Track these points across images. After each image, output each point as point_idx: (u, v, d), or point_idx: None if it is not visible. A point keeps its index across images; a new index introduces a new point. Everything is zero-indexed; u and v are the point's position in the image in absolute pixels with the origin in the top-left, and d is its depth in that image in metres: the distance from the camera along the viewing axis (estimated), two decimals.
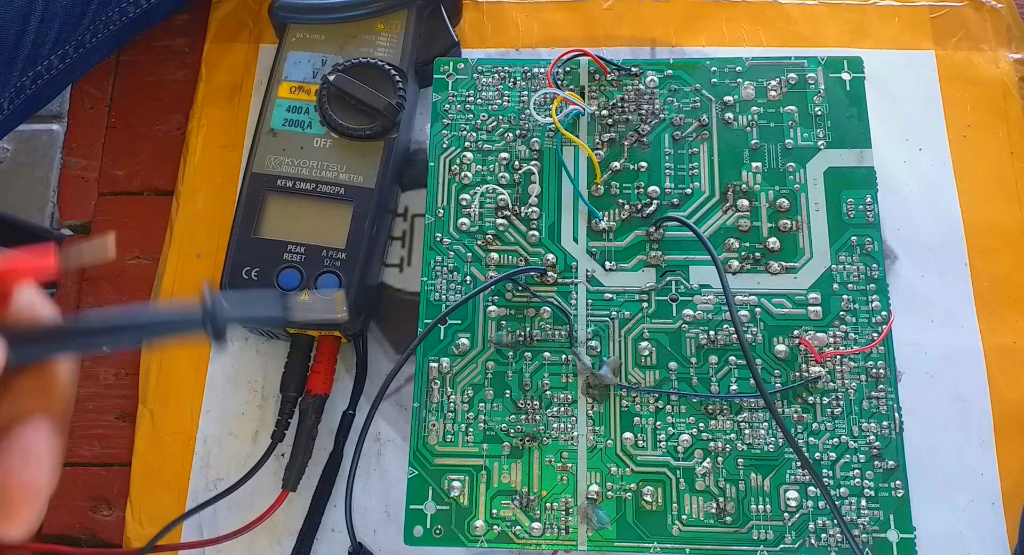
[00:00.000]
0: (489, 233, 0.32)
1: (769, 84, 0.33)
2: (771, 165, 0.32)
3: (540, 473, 0.29)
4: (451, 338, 0.31)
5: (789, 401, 0.30)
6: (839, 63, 0.34)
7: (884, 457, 0.29)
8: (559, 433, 0.30)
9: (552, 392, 0.30)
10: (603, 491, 0.29)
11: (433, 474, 0.29)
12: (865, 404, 0.29)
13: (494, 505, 0.29)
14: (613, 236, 0.32)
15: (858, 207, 0.32)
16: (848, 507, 0.28)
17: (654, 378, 0.30)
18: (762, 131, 0.33)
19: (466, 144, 0.33)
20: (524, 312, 0.31)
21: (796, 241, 0.31)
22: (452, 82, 0.34)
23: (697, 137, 0.33)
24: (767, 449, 0.29)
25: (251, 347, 0.35)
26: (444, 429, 0.30)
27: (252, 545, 0.32)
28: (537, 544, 0.29)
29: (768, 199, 0.32)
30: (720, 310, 0.31)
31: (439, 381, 0.30)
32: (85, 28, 0.36)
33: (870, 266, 0.31)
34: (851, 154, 0.32)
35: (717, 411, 0.30)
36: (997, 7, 0.38)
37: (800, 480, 0.29)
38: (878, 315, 0.30)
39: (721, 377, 0.30)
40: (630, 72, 0.34)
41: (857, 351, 0.30)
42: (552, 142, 0.33)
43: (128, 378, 0.35)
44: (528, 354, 0.31)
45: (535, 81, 0.34)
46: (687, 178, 0.33)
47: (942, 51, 0.38)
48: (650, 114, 0.33)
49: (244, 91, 0.39)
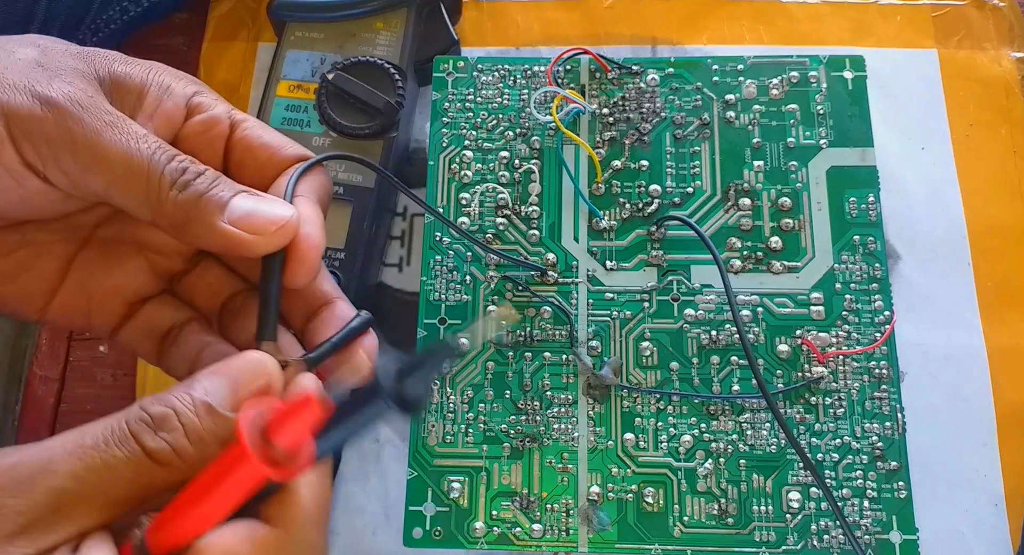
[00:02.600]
0: (489, 232, 0.32)
1: (771, 82, 0.33)
2: (773, 164, 0.32)
3: (540, 474, 0.29)
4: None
5: (791, 402, 0.29)
6: (841, 61, 0.33)
7: (887, 458, 0.29)
8: (559, 434, 0.29)
9: (552, 393, 0.30)
10: (604, 492, 0.29)
11: (432, 475, 0.29)
12: (868, 404, 0.29)
13: (494, 506, 0.29)
14: (614, 235, 0.32)
15: (860, 206, 0.31)
16: (851, 508, 0.28)
17: (655, 378, 0.30)
18: (764, 130, 0.33)
19: (466, 143, 0.33)
20: (524, 312, 0.31)
21: (798, 240, 0.31)
22: (452, 81, 0.34)
23: (698, 136, 0.33)
24: (769, 450, 0.29)
25: None
26: (444, 430, 0.30)
27: None
28: (537, 546, 0.28)
29: (770, 198, 0.32)
30: (722, 310, 0.30)
31: (439, 381, 0.30)
32: (87, 27, 0.36)
33: (873, 266, 0.31)
34: (853, 153, 0.32)
35: (719, 412, 0.29)
36: (999, 6, 0.38)
37: (802, 481, 0.28)
38: (881, 315, 0.30)
39: (723, 377, 0.30)
40: (631, 70, 0.34)
41: (860, 351, 0.30)
42: (552, 141, 0.33)
43: (125, 379, 0.35)
44: (528, 354, 0.30)
45: (535, 79, 0.34)
46: (688, 177, 0.32)
47: (944, 50, 0.37)
48: (651, 113, 0.33)
49: (243, 90, 0.38)
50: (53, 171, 0.20)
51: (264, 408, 0.17)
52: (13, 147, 0.19)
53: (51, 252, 0.22)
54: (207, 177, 0.21)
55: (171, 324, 0.23)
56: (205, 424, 0.18)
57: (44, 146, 0.19)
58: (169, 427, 0.18)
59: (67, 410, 0.35)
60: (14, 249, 0.22)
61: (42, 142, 0.19)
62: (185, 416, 0.18)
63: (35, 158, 0.19)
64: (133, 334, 0.23)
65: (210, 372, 0.19)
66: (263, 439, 0.17)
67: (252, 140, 0.23)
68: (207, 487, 0.17)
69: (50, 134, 0.19)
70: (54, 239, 0.22)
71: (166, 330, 0.23)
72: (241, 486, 0.17)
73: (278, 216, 0.21)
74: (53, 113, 0.19)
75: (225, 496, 0.17)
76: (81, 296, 0.23)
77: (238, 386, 0.19)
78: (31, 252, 0.22)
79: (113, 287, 0.23)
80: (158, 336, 0.23)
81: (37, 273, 0.22)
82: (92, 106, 0.20)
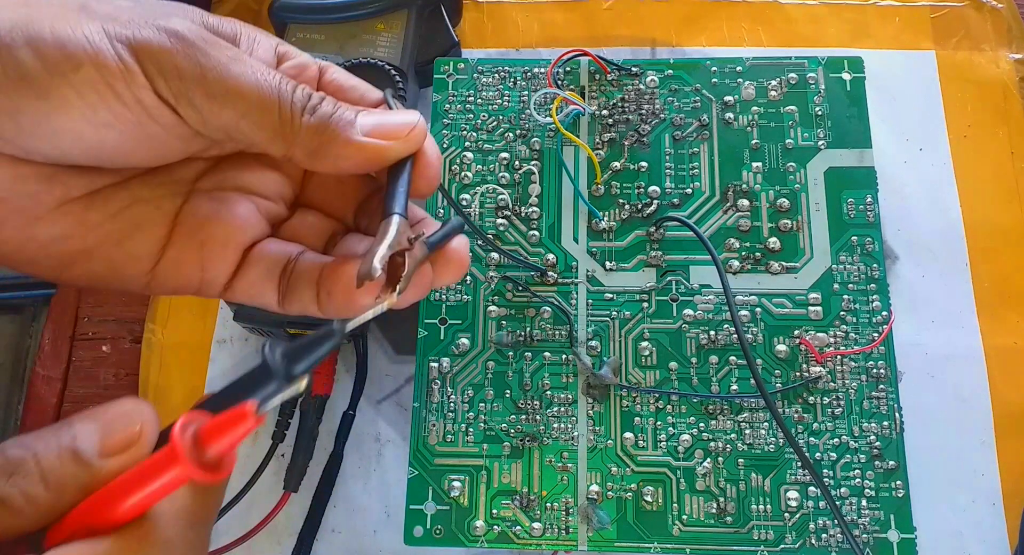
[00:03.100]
0: (489, 233, 0.32)
1: (769, 84, 0.33)
2: (771, 165, 0.32)
3: (540, 473, 0.29)
4: (451, 338, 0.31)
5: (790, 401, 0.30)
6: (839, 63, 0.34)
7: (885, 457, 0.29)
8: (559, 433, 0.30)
9: (552, 392, 0.30)
10: (603, 491, 0.29)
11: (433, 474, 0.29)
12: (866, 404, 0.29)
13: (494, 505, 0.29)
14: (613, 236, 0.32)
15: (858, 207, 0.32)
16: (849, 507, 0.28)
17: (654, 378, 0.30)
18: (762, 131, 0.33)
19: (466, 144, 0.33)
20: (524, 312, 0.31)
21: (796, 241, 0.31)
22: (452, 82, 0.34)
23: (697, 137, 0.33)
24: (768, 449, 0.29)
25: (251, 347, 0.35)
26: (444, 429, 0.30)
27: (252, 545, 0.32)
28: (537, 544, 0.29)
29: (768, 199, 0.32)
30: (720, 310, 0.31)
31: (439, 381, 0.30)
32: None
33: (871, 266, 0.31)
34: (851, 154, 0.32)
35: (717, 411, 0.30)
36: (998, 7, 0.38)
37: (801, 480, 0.29)
38: (878, 315, 0.30)
39: (721, 377, 0.30)
40: (630, 72, 0.34)
41: (858, 351, 0.30)
42: (552, 142, 0.33)
43: (128, 379, 0.35)
44: (528, 354, 0.31)
45: (535, 81, 0.34)
46: (687, 178, 0.33)
47: (943, 51, 0.38)
48: (650, 114, 0.33)
49: None
50: (185, 106, 0.19)
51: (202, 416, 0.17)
52: (148, 81, 0.19)
53: (159, 207, 0.22)
54: (329, 101, 0.21)
55: (287, 258, 0.22)
56: (67, 470, 0.17)
57: (176, 80, 0.19)
58: (24, 472, 0.17)
59: (69, 410, 0.35)
60: (124, 207, 0.21)
61: (174, 76, 0.19)
62: (46, 461, 0.17)
63: (168, 93, 0.19)
64: (252, 280, 0.22)
65: (84, 416, 0.18)
66: (195, 443, 0.17)
67: (341, 83, 0.23)
68: (130, 483, 0.17)
69: (181, 67, 0.19)
70: (159, 194, 0.22)
71: (283, 265, 0.22)
72: (166, 485, 0.17)
73: (407, 121, 0.21)
74: (183, 46, 0.19)
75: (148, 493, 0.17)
76: (192, 247, 0.22)
77: (109, 432, 0.18)
78: (139, 211, 0.21)
79: (226, 232, 0.22)
80: (276, 273, 0.22)
81: (147, 231, 0.22)
82: (214, 41, 0.20)
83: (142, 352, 0.35)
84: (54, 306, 0.36)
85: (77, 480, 0.17)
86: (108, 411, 0.18)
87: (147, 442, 0.18)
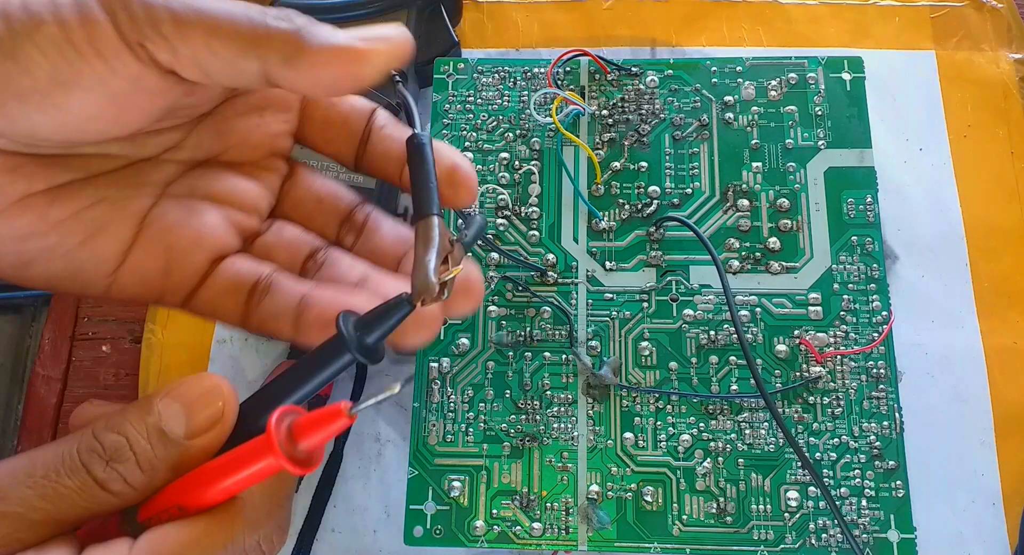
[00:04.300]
0: (489, 233, 0.32)
1: (769, 84, 0.33)
2: (771, 165, 0.32)
3: (540, 473, 0.29)
4: (451, 338, 0.31)
5: (789, 401, 0.30)
6: (839, 63, 0.34)
7: (884, 457, 0.29)
8: (559, 433, 0.30)
9: (552, 392, 0.30)
10: (603, 491, 0.29)
11: (433, 474, 0.29)
12: (865, 404, 0.29)
13: (494, 505, 0.29)
14: (613, 236, 0.32)
15: (858, 207, 0.32)
16: (849, 507, 0.28)
17: (654, 378, 0.30)
18: (762, 131, 0.33)
19: (466, 144, 0.33)
20: (524, 312, 0.31)
21: (796, 241, 0.31)
22: (452, 82, 0.34)
23: (697, 137, 0.33)
24: (767, 449, 0.29)
25: (251, 347, 0.35)
26: (444, 429, 0.30)
27: None
28: (537, 544, 0.29)
29: (768, 199, 0.32)
30: (720, 310, 0.31)
31: (439, 381, 0.30)
32: None
33: (870, 266, 0.31)
34: (851, 154, 0.32)
35: (717, 411, 0.30)
36: (998, 7, 0.38)
37: (800, 480, 0.29)
38: (878, 315, 0.30)
39: (721, 377, 0.30)
40: (630, 72, 0.34)
41: (857, 351, 0.30)
42: (552, 142, 0.33)
43: (128, 378, 0.35)
44: (528, 354, 0.31)
45: (535, 81, 0.34)
46: (687, 178, 0.33)
47: (942, 51, 0.38)
48: (650, 114, 0.33)
49: None
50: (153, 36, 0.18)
51: (297, 411, 0.18)
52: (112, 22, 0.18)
53: (125, 208, 0.21)
54: (303, 16, 0.20)
55: (256, 277, 0.22)
56: (157, 452, 0.18)
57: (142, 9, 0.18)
58: (121, 457, 0.18)
59: (69, 410, 0.35)
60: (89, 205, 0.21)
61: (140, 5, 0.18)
62: (138, 444, 0.18)
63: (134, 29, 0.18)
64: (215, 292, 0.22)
65: (165, 395, 0.19)
66: (288, 436, 0.17)
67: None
68: (224, 469, 0.18)
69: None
70: (126, 195, 0.21)
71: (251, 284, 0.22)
72: (258, 473, 0.17)
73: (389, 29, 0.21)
74: None
75: (240, 479, 0.18)
76: (158, 252, 0.21)
77: (193, 412, 0.18)
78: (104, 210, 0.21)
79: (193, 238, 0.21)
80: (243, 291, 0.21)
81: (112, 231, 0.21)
82: None
83: (142, 352, 0.35)
84: (54, 306, 0.36)
85: (167, 461, 0.18)
86: (191, 389, 0.19)
87: (229, 420, 0.19)
